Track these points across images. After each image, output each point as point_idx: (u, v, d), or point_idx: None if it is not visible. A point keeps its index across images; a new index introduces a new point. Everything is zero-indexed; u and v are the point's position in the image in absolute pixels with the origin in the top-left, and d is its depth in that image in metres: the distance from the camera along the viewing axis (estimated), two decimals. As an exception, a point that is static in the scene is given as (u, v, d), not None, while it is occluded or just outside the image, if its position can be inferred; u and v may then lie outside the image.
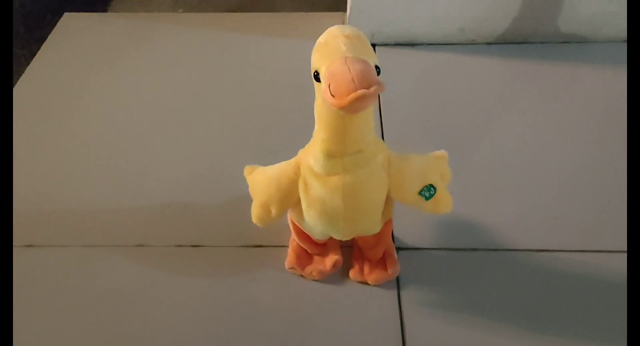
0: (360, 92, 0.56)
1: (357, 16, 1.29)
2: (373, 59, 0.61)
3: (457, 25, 1.31)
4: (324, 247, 0.90)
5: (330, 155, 0.69)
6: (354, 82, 0.56)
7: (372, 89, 0.56)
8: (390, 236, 0.89)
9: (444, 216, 0.90)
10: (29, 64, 1.35)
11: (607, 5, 1.26)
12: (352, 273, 0.88)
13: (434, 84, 1.25)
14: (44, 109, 1.22)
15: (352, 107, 0.58)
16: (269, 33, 1.42)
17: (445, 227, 0.96)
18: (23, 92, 1.26)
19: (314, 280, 0.88)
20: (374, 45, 1.35)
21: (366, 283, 0.87)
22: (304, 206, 0.76)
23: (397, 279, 0.88)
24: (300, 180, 0.74)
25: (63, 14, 1.51)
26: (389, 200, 0.77)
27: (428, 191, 0.73)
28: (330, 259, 0.88)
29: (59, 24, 1.46)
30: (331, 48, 0.60)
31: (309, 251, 0.89)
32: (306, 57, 0.64)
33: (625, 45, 1.31)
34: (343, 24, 1.32)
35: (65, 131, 1.16)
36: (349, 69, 0.57)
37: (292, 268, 0.88)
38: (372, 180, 0.71)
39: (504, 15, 1.30)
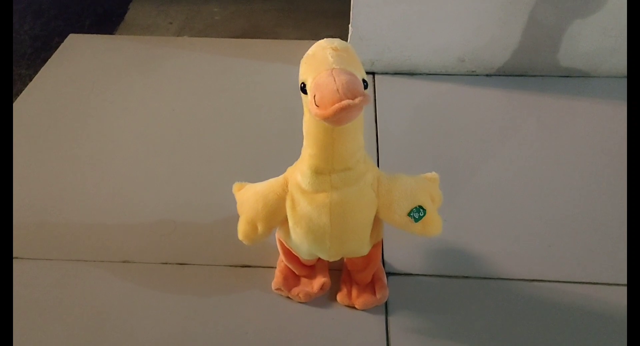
0: (344, 102, 0.55)
1: (357, 43, 1.30)
2: (360, 72, 0.61)
3: (457, 56, 1.32)
4: (311, 269, 0.88)
5: (318, 172, 0.68)
6: (338, 92, 0.56)
7: (356, 100, 0.55)
8: (380, 260, 0.87)
9: (436, 242, 0.91)
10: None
11: (607, 40, 1.26)
12: (340, 297, 0.86)
13: (432, 113, 1.25)
14: (40, 125, 1.22)
15: (336, 118, 0.57)
16: (271, 59, 1.43)
17: (437, 253, 0.94)
18: (22, 108, 1.27)
19: (300, 302, 0.86)
20: (373, 74, 1.35)
21: (353, 308, 0.85)
22: (290, 223, 0.75)
23: (386, 304, 0.86)
24: (287, 197, 0.73)
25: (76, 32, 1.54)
26: (377, 221, 0.75)
27: (417, 213, 0.72)
28: (318, 282, 0.86)
29: (63, 44, 1.48)
30: (318, 60, 0.60)
31: (296, 273, 0.88)
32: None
33: (625, 81, 1.31)
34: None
35: (59, 147, 1.16)
36: (334, 80, 0.57)
37: (278, 288, 0.87)
38: (360, 199, 0.70)
39: (504, 47, 1.30)
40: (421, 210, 0.71)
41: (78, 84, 1.35)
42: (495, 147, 1.16)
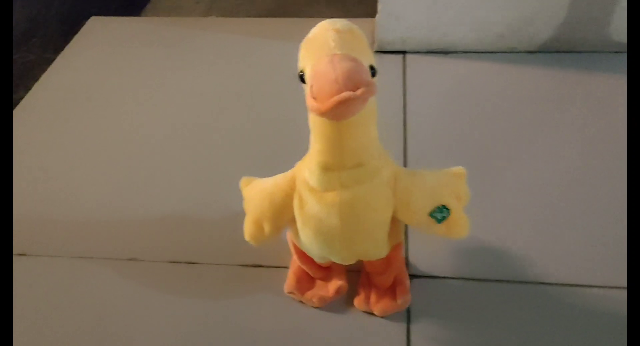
0: (344, 94, 0.48)
1: (386, 20, 1.21)
2: (368, 57, 0.54)
3: (496, 31, 1.20)
4: (327, 271, 0.81)
5: (327, 168, 0.61)
6: (337, 82, 0.49)
7: (358, 92, 0.49)
8: (402, 262, 0.80)
9: (465, 241, 0.82)
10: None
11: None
12: (357, 301, 0.79)
13: (468, 95, 1.15)
14: (54, 114, 1.19)
15: (335, 113, 0.50)
16: (300, 39, 1.34)
17: (465, 254, 0.85)
18: (39, 94, 1.24)
19: (314, 307, 0.79)
20: (403, 53, 1.25)
21: (372, 314, 0.78)
22: (298, 224, 0.68)
23: (408, 310, 0.79)
24: (295, 195, 0.66)
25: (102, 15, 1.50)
26: (397, 221, 0.67)
27: (440, 213, 0.64)
28: (334, 285, 0.79)
29: (84, 27, 1.44)
30: (318, 44, 0.53)
31: (311, 274, 0.81)
32: None
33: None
34: (373, 30, 1.27)
35: (64, 140, 1.12)
36: (334, 68, 0.50)
37: (291, 292, 0.80)
38: (374, 198, 0.63)
39: (549, 21, 1.18)
40: (444, 210, 0.64)
41: (98, 68, 1.30)
42: (538, 134, 1.05)
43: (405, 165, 1.00)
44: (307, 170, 0.63)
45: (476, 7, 1.17)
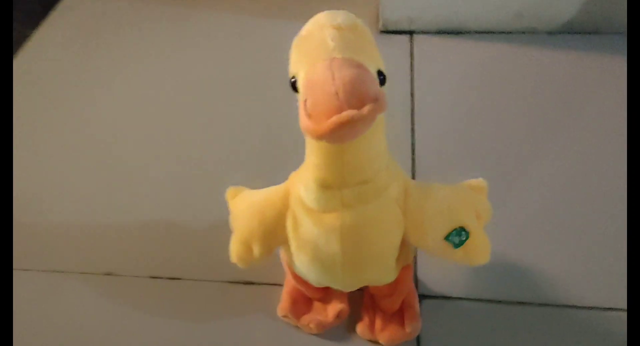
0: (346, 114, 0.40)
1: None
2: (375, 60, 0.46)
3: (515, 9, 1.09)
4: (326, 292, 0.72)
5: (325, 186, 0.52)
6: (338, 97, 0.40)
7: (365, 110, 0.40)
8: (411, 283, 0.71)
9: None
10: None
11: None
12: (360, 328, 0.70)
13: (481, 81, 1.04)
14: (28, 102, 1.08)
15: (334, 137, 0.41)
16: (289, 16, 1.23)
17: (482, 273, 0.76)
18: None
19: (311, 333, 0.71)
20: (411, 33, 1.14)
21: (377, 343, 0.70)
22: (292, 247, 0.59)
23: (418, 338, 0.70)
24: (288, 214, 0.57)
25: None
26: (407, 242, 0.58)
27: (458, 236, 0.55)
28: (334, 309, 0.71)
29: (62, 2, 1.32)
30: (314, 44, 0.44)
31: (308, 295, 0.72)
32: None
33: None
34: (378, 10, 1.15)
35: (34, 140, 1.02)
36: (334, 77, 0.41)
37: (285, 315, 0.71)
38: (382, 219, 0.54)
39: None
40: (463, 232, 0.55)
41: (73, 51, 1.20)
42: (563, 127, 0.95)
43: (413, 161, 0.91)
44: (302, 186, 0.54)
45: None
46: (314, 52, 0.44)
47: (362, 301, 0.72)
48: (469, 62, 1.08)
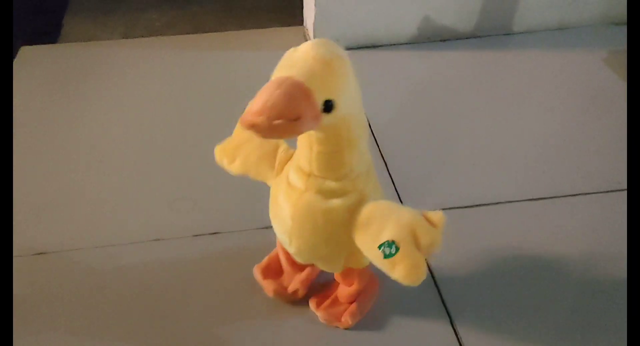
0: (249, 119, 0.51)
1: (321, 23, 1.38)
2: (328, 91, 0.54)
3: (416, 24, 1.42)
4: (297, 270, 0.81)
5: (299, 167, 0.64)
6: (263, 106, 0.51)
7: (273, 123, 0.51)
8: (372, 285, 0.79)
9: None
10: None
11: None
12: (311, 300, 0.79)
13: (409, 83, 1.32)
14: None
15: (251, 130, 0.52)
16: (230, 50, 1.44)
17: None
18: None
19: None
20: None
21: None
22: (271, 192, 0.71)
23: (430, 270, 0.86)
24: (280, 167, 0.70)
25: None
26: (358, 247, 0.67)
27: (388, 247, 0.61)
28: (293, 286, 0.80)
29: (17, 57, 1.42)
30: (289, 63, 0.55)
31: (282, 266, 0.82)
32: (259, 71, 0.61)
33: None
34: (305, 37, 1.42)
35: (66, 138, 1.15)
36: (271, 93, 0.52)
37: (256, 272, 0.82)
38: (328, 215, 0.64)
39: (455, 13, 1.41)
40: (393, 246, 0.61)
41: (41, 95, 1.31)
42: (464, 109, 1.24)
43: (384, 159, 1.09)
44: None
45: (394, 6, 1.38)
46: (284, 68, 0.54)
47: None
48: (386, 68, 1.37)
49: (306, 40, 1.41)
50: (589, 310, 0.81)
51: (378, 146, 1.12)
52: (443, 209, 0.64)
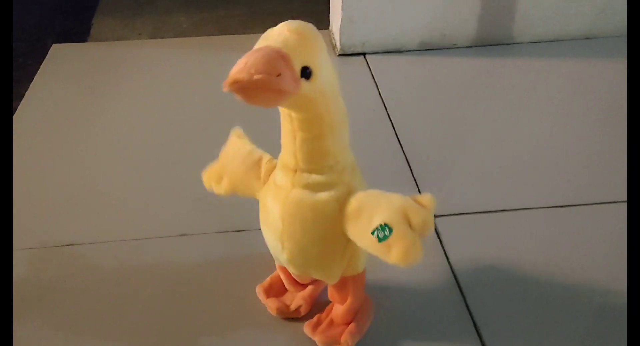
0: (232, 76, 0.51)
1: (347, 26, 1.39)
2: (307, 58, 0.55)
3: (439, 31, 1.43)
4: (299, 288, 0.80)
5: (284, 165, 0.65)
6: (244, 65, 0.51)
7: (253, 77, 0.51)
8: (362, 299, 0.77)
9: None
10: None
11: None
12: (306, 324, 0.77)
13: (433, 87, 1.34)
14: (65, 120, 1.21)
15: (236, 91, 0.52)
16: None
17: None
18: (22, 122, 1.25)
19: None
20: (364, 54, 1.43)
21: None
22: (260, 208, 0.71)
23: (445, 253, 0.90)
24: (265, 177, 0.70)
25: (36, 55, 1.51)
26: (353, 248, 0.67)
27: (382, 231, 0.61)
28: (296, 303, 0.79)
29: (48, 55, 1.46)
30: (265, 38, 0.56)
31: (285, 284, 0.81)
32: None
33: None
34: (331, 41, 1.44)
35: (96, 133, 1.18)
36: (252, 55, 0.52)
37: (259, 292, 0.81)
38: (317, 209, 0.64)
39: (481, 20, 1.42)
40: (386, 229, 0.61)
41: (73, 93, 1.34)
42: (483, 112, 1.25)
43: (405, 154, 1.11)
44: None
45: (420, 12, 1.39)
46: (263, 41, 0.56)
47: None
48: (414, 74, 1.38)
49: (332, 44, 1.46)
50: (615, 317, 0.80)
51: (402, 147, 1.14)
52: (464, 214, 0.64)
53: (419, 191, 1.02)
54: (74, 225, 0.96)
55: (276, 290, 0.81)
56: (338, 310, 0.75)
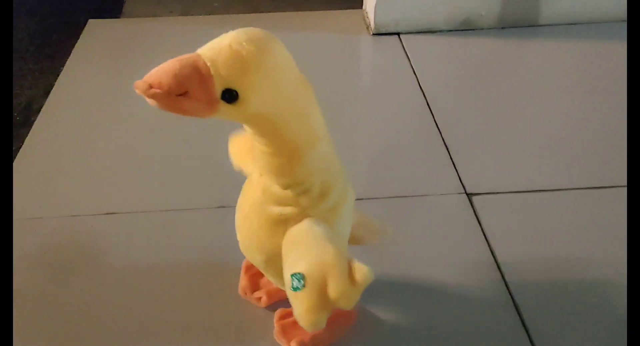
0: (136, 83, 0.51)
1: (382, 4, 1.38)
2: (234, 78, 0.51)
3: (476, 11, 1.42)
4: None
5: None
6: (151, 74, 0.51)
7: (150, 91, 0.49)
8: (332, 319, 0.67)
9: None
10: (45, 77, 1.38)
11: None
12: (279, 310, 0.75)
13: (460, 67, 1.34)
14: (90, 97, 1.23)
15: (137, 92, 0.51)
16: (288, 31, 1.46)
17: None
18: (61, 93, 1.27)
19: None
20: (398, 34, 1.42)
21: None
22: None
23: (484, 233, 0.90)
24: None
25: (69, 31, 1.53)
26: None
27: (297, 281, 0.57)
28: (260, 292, 0.78)
29: (85, 29, 1.47)
30: (214, 42, 0.53)
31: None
32: (319, 53, 0.57)
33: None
34: (365, 20, 1.43)
35: (132, 106, 1.16)
36: (167, 64, 0.51)
37: (245, 293, 0.79)
38: (261, 218, 0.62)
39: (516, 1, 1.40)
40: (301, 281, 0.57)
41: (109, 68, 1.36)
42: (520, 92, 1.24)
43: (440, 133, 1.11)
44: None
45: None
46: (206, 46, 0.52)
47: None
48: (449, 53, 1.37)
49: (365, 23, 1.46)
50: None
51: (438, 127, 1.14)
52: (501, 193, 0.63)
53: (456, 170, 1.02)
54: (113, 195, 0.98)
55: (253, 284, 0.79)
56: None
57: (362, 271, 0.56)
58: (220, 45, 0.51)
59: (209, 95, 0.50)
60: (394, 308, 0.79)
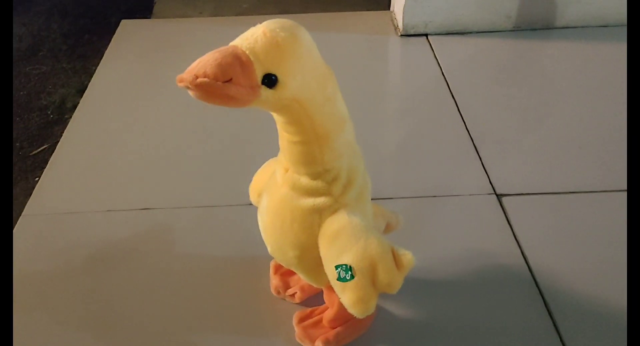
0: (180, 76, 0.51)
1: (411, 6, 1.39)
2: (273, 63, 0.52)
3: (504, 13, 1.41)
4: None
5: (279, 163, 0.64)
6: (195, 66, 0.51)
7: (197, 81, 0.49)
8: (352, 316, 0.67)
9: None
10: (77, 76, 1.42)
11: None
12: (297, 313, 0.76)
13: (494, 69, 1.34)
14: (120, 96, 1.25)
15: (182, 87, 0.52)
16: (317, 31, 1.47)
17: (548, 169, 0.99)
18: (97, 88, 1.30)
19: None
20: (426, 35, 1.43)
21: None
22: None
23: (514, 233, 0.90)
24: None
25: (101, 32, 1.57)
26: None
27: (345, 272, 0.59)
28: (293, 288, 0.79)
29: (118, 30, 1.50)
30: (244, 35, 0.54)
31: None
32: (348, 53, 0.56)
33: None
34: (393, 21, 1.44)
35: (162, 104, 1.22)
36: (210, 55, 0.52)
37: (278, 293, 0.80)
38: (294, 213, 0.62)
39: (545, 2, 1.40)
40: (349, 272, 0.59)
41: (141, 68, 1.38)
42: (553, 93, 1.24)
43: (469, 133, 1.11)
44: None
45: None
46: (238, 39, 0.53)
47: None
48: (476, 55, 1.37)
49: (394, 25, 1.46)
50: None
51: (466, 128, 1.14)
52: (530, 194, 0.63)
53: (485, 170, 1.02)
54: (148, 191, 1.00)
55: (288, 270, 0.80)
56: (328, 312, 0.74)
57: (407, 257, 0.60)
58: (254, 35, 0.52)
59: (251, 80, 0.51)
60: (418, 307, 0.79)
